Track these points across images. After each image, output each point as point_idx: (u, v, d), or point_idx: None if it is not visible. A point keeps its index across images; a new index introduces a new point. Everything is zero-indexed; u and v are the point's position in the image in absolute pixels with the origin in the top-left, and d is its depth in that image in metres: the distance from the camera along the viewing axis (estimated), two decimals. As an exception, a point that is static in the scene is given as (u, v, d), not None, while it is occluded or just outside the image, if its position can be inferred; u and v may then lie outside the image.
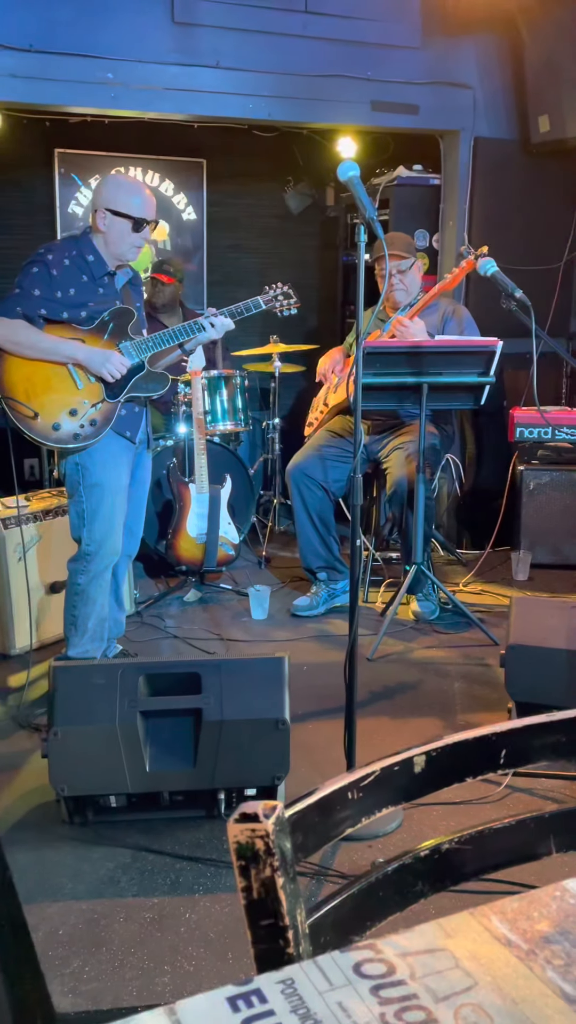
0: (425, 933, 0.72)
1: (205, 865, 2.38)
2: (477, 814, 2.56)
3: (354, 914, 0.93)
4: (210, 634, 3.97)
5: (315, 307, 6.55)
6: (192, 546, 4.34)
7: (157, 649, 3.81)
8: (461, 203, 5.27)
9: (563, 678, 2.87)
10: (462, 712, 3.26)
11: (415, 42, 4.94)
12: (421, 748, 1.00)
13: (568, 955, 0.69)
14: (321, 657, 3.73)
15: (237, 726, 2.45)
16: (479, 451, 5.37)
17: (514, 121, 5.29)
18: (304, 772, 2.70)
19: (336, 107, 4.88)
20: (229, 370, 4.87)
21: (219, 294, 6.31)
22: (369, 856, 2.42)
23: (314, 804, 0.89)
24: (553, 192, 5.41)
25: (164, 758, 2.47)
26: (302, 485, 4.17)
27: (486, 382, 3.74)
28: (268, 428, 5.44)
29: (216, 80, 4.60)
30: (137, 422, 3.26)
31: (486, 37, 5.12)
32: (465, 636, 3.97)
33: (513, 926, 0.73)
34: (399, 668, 3.65)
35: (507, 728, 1.02)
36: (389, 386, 3.76)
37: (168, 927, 2.15)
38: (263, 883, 0.81)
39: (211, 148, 6.08)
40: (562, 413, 4.63)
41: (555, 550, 4.83)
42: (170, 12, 4.46)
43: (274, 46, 4.66)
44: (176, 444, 4.64)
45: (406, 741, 1.03)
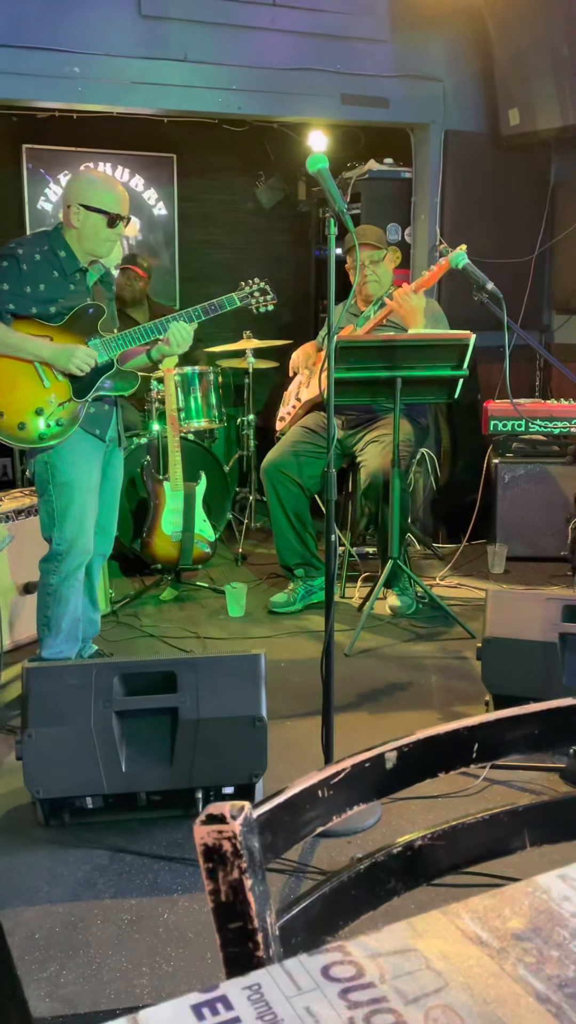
0: (395, 933, 0.71)
1: (183, 865, 2.36)
2: (456, 807, 2.56)
3: (326, 914, 0.92)
4: (187, 632, 3.94)
5: (288, 302, 6.53)
6: (167, 544, 4.31)
7: (133, 648, 3.78)
8: (432, 196, 5.27)
9: (539, 670, 2.87)
10: (440, 706, 3.26)
11: (384, 35, 4.93)
12: (392, 744, 0.99)
13: (540, 953, 0.68)
14: (299, 653, 3.71)
15: (214, 724, 2.44)
16: (454, 445, 5.38)
17: (484, 114, 5.29)
18: (282, 769, 2.69)
19: (306, 100, 4.86)
20: (203, 366, 4.85)
21: (192, 290, 6.28)
22: (348, 852, 2.41)
23: (283, 803, 0.87)
24: (524, 185, 5.42)
25: (140, 758, 2.45)
26: (277, 482, 4.16)
27: (460, 375, 3.74)
28: (243, 424, 5.41)
29: (184, 74, 4.57)
30: (107, 420, 3.22)
31: (454, 31, 5.12)
32: (442, 630, 3.97)
33: (485, 924, 0.71)
34: (377, 663, 3.65)
35: (479, 722, 1.01)
36: (362, 380, 3.75)
37: (146, 928, 2.13)
38: (231, 885, 0.79)
39: (181, 143, 6.04)
40: (535, 406, 4.64)
41: (530, 543, 4.84)
42: (137, 5, 4.42)
43: (243, 39, 4.63)
44: (150, 441, 4.60)
45: (384, 736, 1.02)
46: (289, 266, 6.69)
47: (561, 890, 0.76)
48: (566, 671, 2.86)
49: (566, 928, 0.71)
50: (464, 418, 5.25)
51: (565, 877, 0.78)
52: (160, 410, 4.63)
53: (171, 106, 4.70)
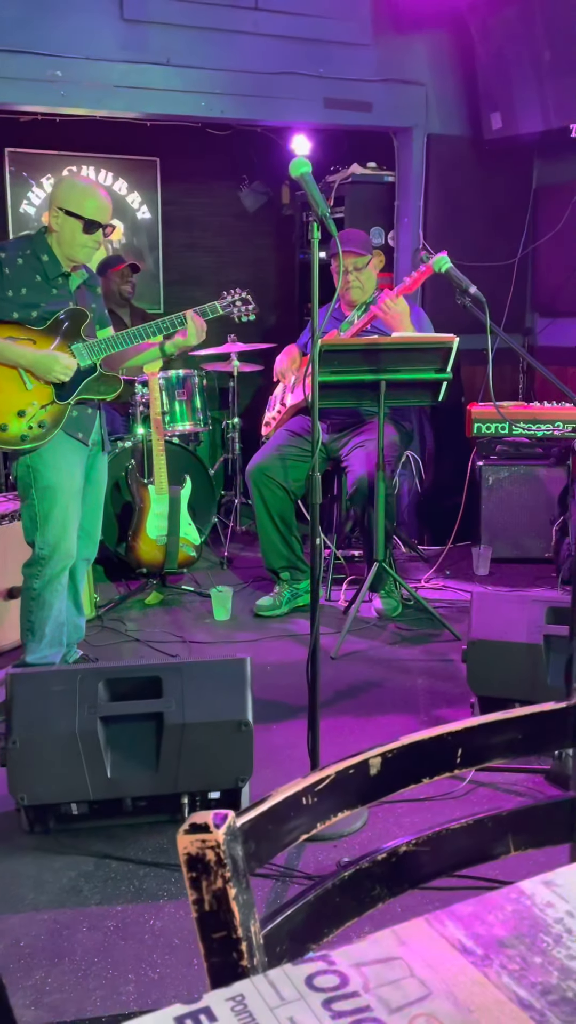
0: (379, 942, 0.71)
1: (169, 870, 2.35)
2: (441, 810, 2.57)
3: (310, 922, 0.91)
4: (172, 636, 3.93)
5: (272, 305, 6.53)
6: (153, 548, 4.30)
7: (118, 653, 3.77)
8: (416, 200, 5.29)
9: (524, 671, 2.88)
10: (426, 708, 3.26)
11: (366, 39, 4.94)
12: (377, 750, 0.99)
13: (524, 960, 0.68)
14: (285, 657, 3.71)
15: (199, 729, 2.43)
16: (438, 447, 5.39)
17: (466, 118, 5.31)
18: (268, 774, 2.69)
19: (289, 104, 4.86)
20: (187, 370, 4.84)
21: (176, 293, 6.27)
22: (334, 855, 2.41)
23: (267, 811, 0.87)
24: (506, 188, 5.45)
25: (126, 763, 2.44)
26: (262, 485, 4.15)
27: (443, 378, 3.75)
28: (228, 428, 5.41)
29: (167, 78, 4.56)
30: (90, 423, 3.22)
31: (437, 35, 5.14)
32: (428, 632, 3.98)
33: (468, 931, 0.72)
34: (363, 666, 3.65)
35: (462, 727, 1.01)
36: (347, 384, 3.75)
37: (132, 935, 2.12)
38: (215, 895, 0.79)
39: (165, 147, 6.03)
40: (519, 408, 4.66)
41: (515, 544, 4.86)
42: (119, 9, 4.42)
43: (225, 43, 4.63)
44: (134, 445, 4.59)
45: (371, 739, 1.02)
46: (273, 270, 6.69)
47: (545, 896, 0.76)
48: (551, 672, 2.87)
49: (549, 934, 0.71)
50: (448, 421, 5.26)
51: (549, 883, 0.78)
52: (145, 414, 4.62)
53: (154, 110, 4.70)
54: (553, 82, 4.83)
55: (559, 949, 0.69)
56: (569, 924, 0.72)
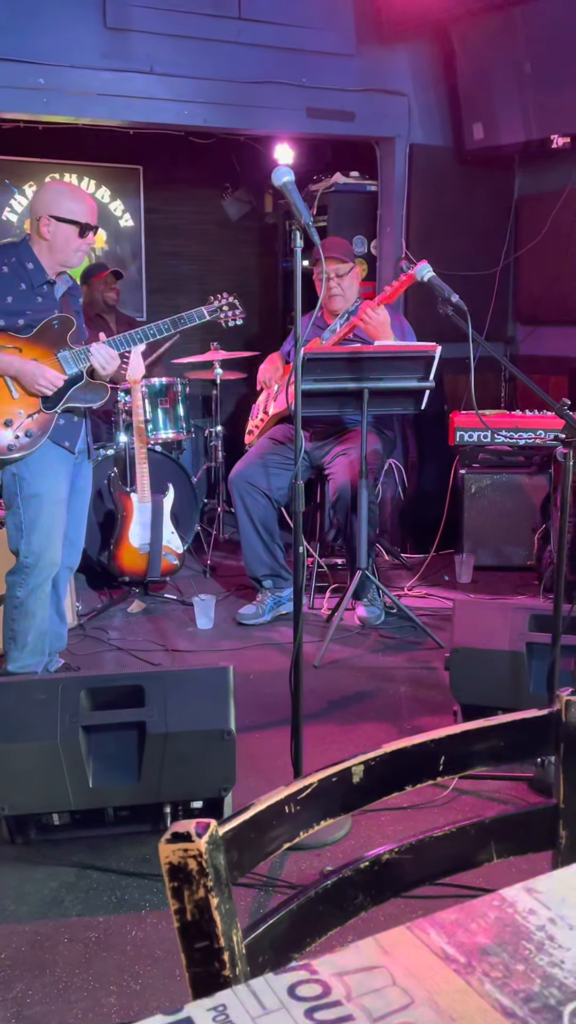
0: (361, 950, 0.71)
1: (151, 880, 2.34)
2: (425, 818, 2.56)
3: (293, 931, 0.91)
4: (155, 645, 3.92)
5: (256, 314, 6.54)
6: (135, 556, 4.29)
7: (100, 662, 3.75)
8: (398, 209, 5.31)
9: (507, 679, 2.89)
10: (409, 716, 3.26)
11: (349, 50, 4.97)
12: (359, 758, 0.99)
13: (506, 967, 0.68)
14: (268, 665, 3.70)
15: (182, 738, 2.42)
16: (421, 456, 5.41)
17: (448, 128, 5.35)
18: (251, 782, 2.68)
19: (272, 114, 4.88)
20: (170, 378, 4.84)
21: (158, 301, 6.27)
22: (318, 864, 2.40)
23: (250, 820, 0.87)
24: (488, 198, 5.48)
25: (108, 773, 2.42)
26: (245, 493, 4.15)
27: (426, 387, 3.76)
28: (211, 436, 5.40)
29: (150, 86, 4.57)
30: (76, 432, 3.21)
31: (419, 46, 5.18)
32: (410, 640, 3.98)
33: (451, 939, 0.71)
34: (345, 674, 3.65)
35: (445, 735, 1.01)
36: (330, 392, 3.76)
37: (114, 946, 2.11)
38: (197, 904, 0.78)
39: (147, 155, 6.04)
40: (501, 416, 4.68)
41: (497, 552, 4.88)
42: (102, 17, 4.42)
43: (208, 52, 4.65)
44: (117, 453, 4.58)
45: (354, 747, 1.02)
46: (256, 278, 6.70)
47: (527, 903, 0.76)
48: (533, 680, 2.88)
49: (531, 942, 0.71)
50: (431, 429, 5.28)
51: (531, 890, 0.78)
52: (127, 421, 4.61)
53: (137, 118, 4.70)
54: (534, 93, 4.87)
55: (541, 956, 0.69)
56: (551, 931, 0.72)
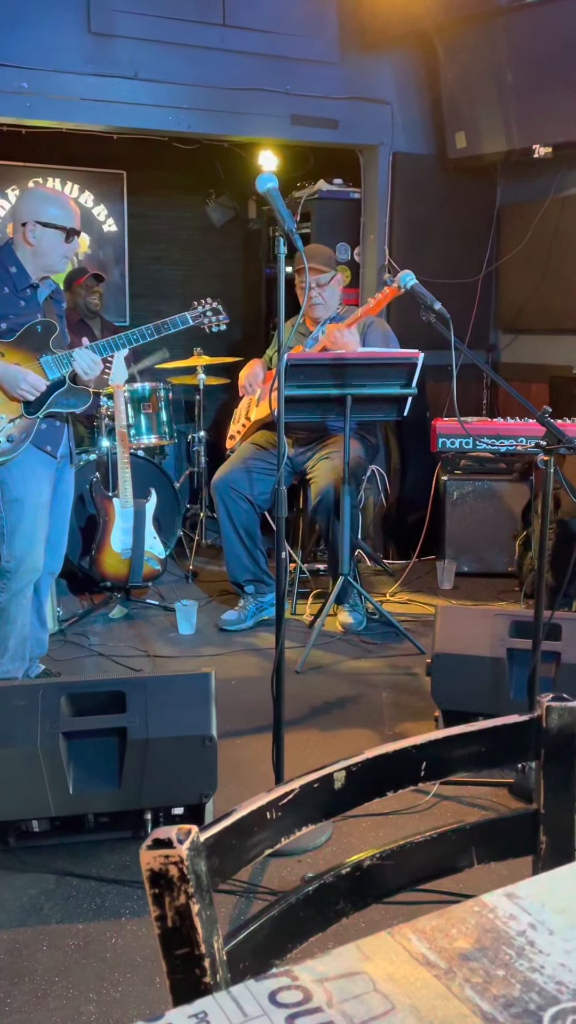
0: (343, 956, 0.71)
1: (131, 888, 2.33)
2: (406, 824, 2.57)
3: (274, 938, 0.91)
4: (136, 651, 3.91)
5: (239, 319, 6.55)
6: (117, 561, 4.27)
7: (81, 668, 3.73)
8: (381, 217, 5.33)
9: (488, 685, 2.90)
10: (390, 722, 3.27)
11: (333, 58, 4.99)
12: (341, 764, 0.99)
13: (487, 972, 0.68)
14: (249, 671, 3.70)
15: (163, 744, 2.41)
16: (403, 462, 5.42)
17: (431, 137, 5.38)
18: (233, 789, 2.67)
19: (256, 120, 4.89)
20: (153, 383, 4.83)
21: (141, 307, 6.26)
22: (299, 871, 2.40)
23: (231, 826, 0.87)
24: (471, 207, 5.52)
25: (88, 779, 2.41)
26: (228, 498, 4.15)
27: (408, 393, 3.78)
28: (193, 441, 5.40)
29: (134, 92, 4.57)
30: (58, 436, 3.20)
31: (403, 54, 5.20)
32: (392, 646, 3.99)
33: (432, 944, 0.72)
34: (327, 680, 3.65)
35: (426, 741, 1.02)
36: (313, 398, 3.76)
37: (94, 953, 2.09)
38: (178, 911, 0.78)
39: (131, 160, 6.04)
40: (483, 424, 4.70)
41: (479, 559, 4.90)
42: (86, 23, 4.41)
43: (193, 58, 4.65)
44: (99, 458, 4.57)
45: (336, 753, 1.02)
46: (239, 284, 6.71)
47: (507, 908, 0.76)
48: (514, 686, 2.89)
49: (512, 947, 0.71)
50: (413, 436, 5.30)
51: (511, 895, 0.78)
52: (110, 426, 4.60)
53: (120, 123, 4.70)
54: (516, 104, 4.91)
55: (521, 961, 0.69)
56: (531, 936, 0.73)
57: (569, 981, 0.67)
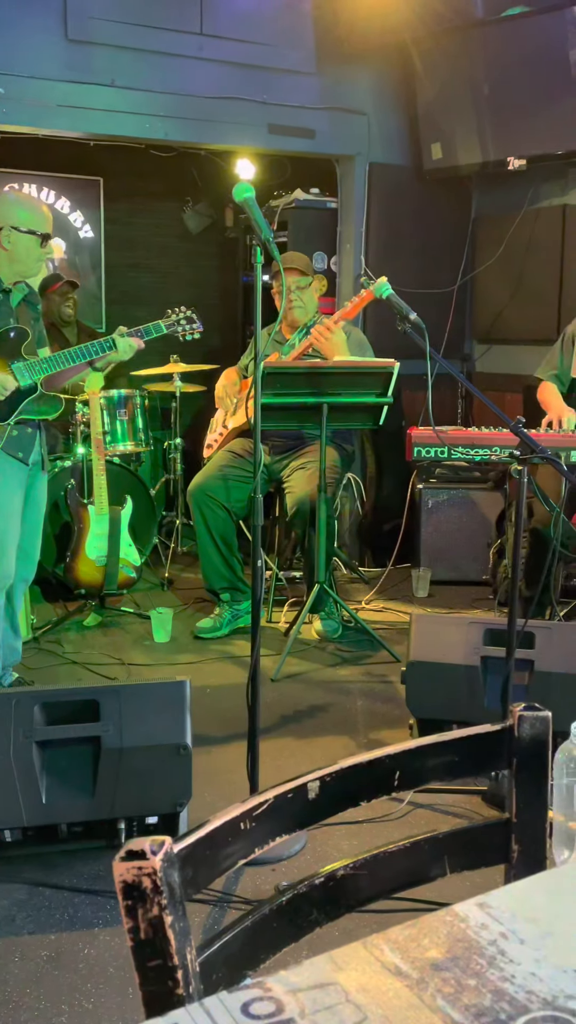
0: (315, 967, 0.71)
1: (105, 898, 2.31)
2: (381, 832, 2.57)
3: (247, 948, 0.91)
4: (111, 659, 3.89)
5: (216, 327, 6.55)
6: (92, 569, 4.25)
7: (55, 676, 3.71)
8: (358, 227, 5.36)
9: (462, 693, 2.91)
10: (365, 730, 3.27)
11: (310, 68, 5.02)
12: (315, 774, 0.99)
13: (458, 982, 0.69)
14: (225, 679, 3.69)
15: (137, 753, 2.40)
16: (379, 470, 5.44)
17: (408, 148, 5.42)
18: (208, 797, 2.67)
19: (233, 129, 4.90)
20: (129, 389, 4.82)
21: (117, 313, 6.24)
22: (273, 880, 2.39)
23: (204, 837, 0.87)
24: (446, 218, 5.56)
25: (61, 789, 2.40)
26: (204, 506, 4.14)
27: (384, 402, 3.79)
28: (170, 448, 5.39)
29: (111, 99, 4.57)
30: (30, 443, 3.18)
31: (380, 66, 5.24)
32: (368, 654, 4.00)
33: (404, 954, 0.72)
34: (303, 688, 3.65)
35: (399, 750, 1.02)
36: (289, 406, 3.77)
37: (66, 964, 2.08)
38: (151, 922, 0.78)
39: (108, 166, 6.03)
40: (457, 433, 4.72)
41: (453, 567, 4.92)
42: (63, 29, 4.41)
43: (170, 67, 4.66)
44: (75, 465, 4.55)
45: (311, 762, 1.02)
46: (216, 291, 6.71)
47: (479, 918, 0.77)
48: (488, 694, 2.91)
49: (483, 956, 0.72)
50: (389, 444, 5.32)
51: (483, 905, 0.79)
52: (85, 433, 4.58)
53: (97, 130, 4.70)
54: (492, 116, 4.96)
55: (492, 971, 0.70)
56: (502, 946, 0.73)
57: (539, 990, 0.68)
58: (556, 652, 2.88)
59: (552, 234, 5.16)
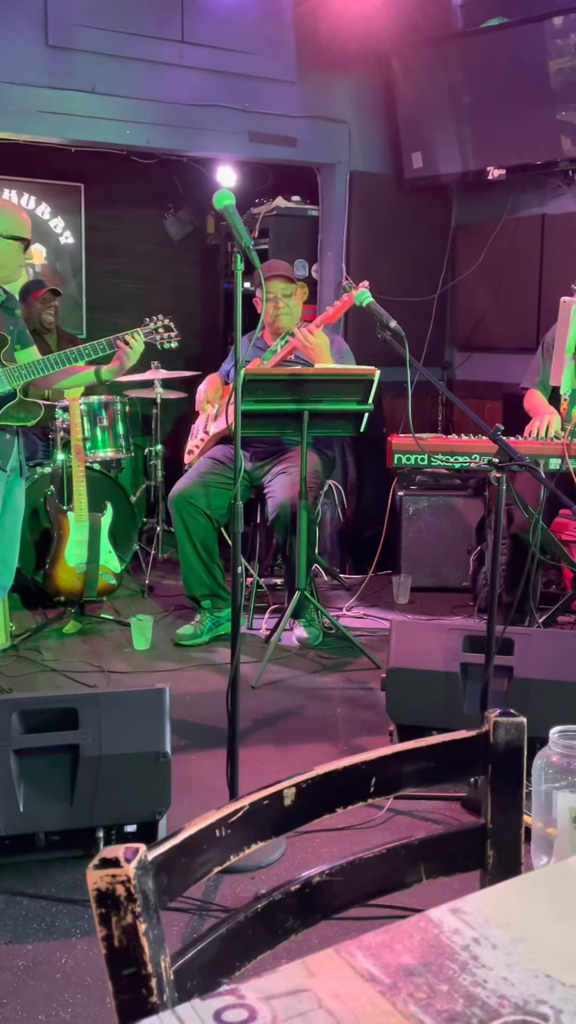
0: (289, 973, 0.71)
1: (83, 907, 2.30)
2: (360, 839, 2.57)
3: (222, 956, 0.91)
4: (90, 666, 3.87)
5: (196, 334, 6.55)
6: (71, 576, 4.23)
7: (34, 684, 3.69)
8: (338, 235, 5.38)
9: (441, 699, 2.92)
10: (345, 737, 3.27)
11: (291, 77, 5.04)
12: (290, 781, 0.99)
13: (431, 987, 0.69)
14: (205, 686, 3.69)
15: (116, 761, 2.39)
16: (360, 477, 5.46)
17: (388, 157, 5.45)
18: (186, 805, 2.65)
19: (214, 136, 4.92)
20: (109, 396, 4.81)
21: (98, 319, 6.24)
22: (252, 887, 2.39)
23: (179, 845, 0.87)
24: (427, 226, 5.59)
25: (39, 797, 2.38)
26: (185, 512, 4.14)
27: (365, 409, 3.80)
28: (151, 455, 5.38)
29: (92, 105, 4.57)
30: (8, 449, 3.17)
31: (360, 75, 5.27)
32: (348, 660, 4.00)
33: (377, 960, 0.72)
34: (283, 695, 3.65)
35: (375, 757, 1.02)
36: (270, 413, 3.78)
37: (43, 974, 2.06)
38: (124, 930, 0.78)
39: (89, 172, 6.03)
40: (437, 440, 4.74)
41: (434, 573, 4.94)
42: (44, 35, 4.41)
43: (151, 74, 4.67)
44: (54, 471, 4.53)
45: (290, 769, 1.02)
46: (197, 298, 6.71)
47: (452, 923, 0.77)
48: (467, 700, 2.92)
49: (456, 962, 0.72)
50: (369, 451, 5.33)
51: (456, 910, 0.79)
52: (65, 439, 4.56)
53: (78, 136, 4.70)
54: (471, 126, 5.00)
55: (465, 976, 0.70)
56: (475, 951, 0.73)
57: (511, 995, 0.68)
58: (535, 658, 2.90)
59: (531, 243, 5.20)
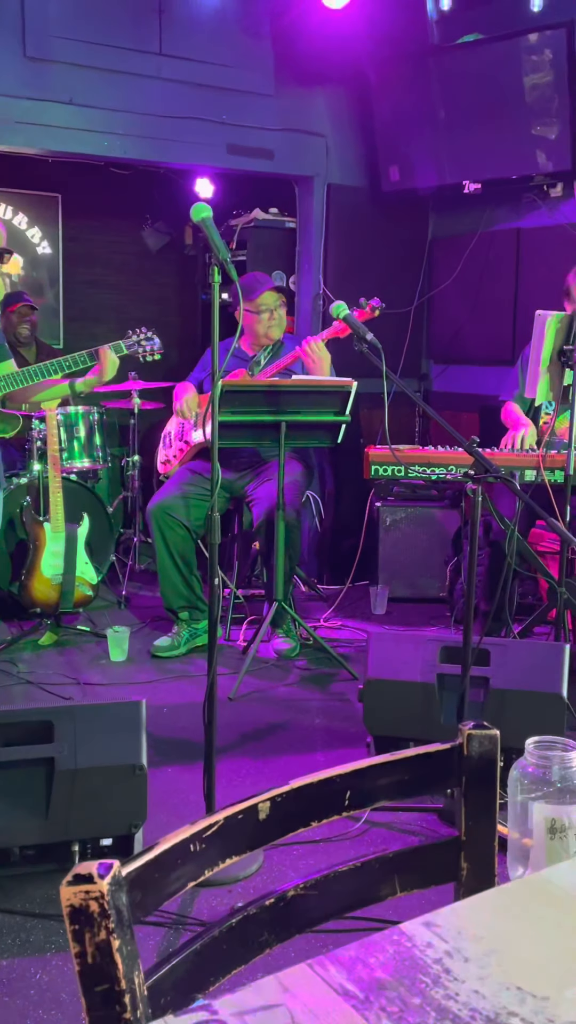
0: (262, 988, 0.71)
1: (57, 922, 2.28)
2: (337, 851, 2.57)
3: (196, 971, 0.90)
4: (66, 678, 3.84)
5: (174, 344, 6.55)
6: (47, 587, 4.21)
7: (9, 696, 3.66)
8: (316, 247, 5.41)
9: (418, 710, 2.92)
10: (323, 748, 3.27)
11: (269, 90, 5.07)
12: (265, 795, 0.99)
13: (403, 1001, 0.69)
14: (182, 698, 3.67)
15: (92, 774, 2.38)
16: (337, 488, 5.47)
17: (365, 170, 5.48)
18: (163, 818, 2.64)
19: (192, 148, 4.93)
20: (86, 406, 4.80)
21: (76, 330, 6.23)
22: (229, 901, 2.38)
23: (153, 860, 0.86)
24: (404, 239, 5.63)
25: (13, 811, 2.36)
26: (164, 524, 4.13)
27: (342, 421, 3.82)
28: (128, 465, 5.37)
29: (69, 116, 4.57)
30: (-15, 461, 3.15)
31: (338, 89, 5.31)
32: (326, 671, 4.00)
33: (350, 974, 0.72)
34: (260, 707, 3.64)
35: (350, 770, 1.03)
36: (248, 424, 3.78)
37: (17, 990, 2.04)
38: (98, 947, 0.78)
39: (67, 183, 6.02)
40: (414, 452, 4.77)
41: (411, 584, 4.95)
42: (21, 47, 4.41)
43: (129, 86, 4.68)
44: (31, 482, 4.51)
45: (268, 781, 1.02)
46: (175, 309, 6.72)
47: (425, 937, 0.78)
48: (444, 711, 2.92)
49: (427, 975, 0.72)
50: (347, 462, 5.35)
51: (429, 924, 0.79)
52: (41, 450, 4.54)
53: (56, 147, 4.70)
54: (448, 139, 5.04)
55: (437, 989, 0.70)
56: (447, 964, 0.74)
57: (482, 1007, 0.68)
58: (510, 669, 2.91)
59: (507, 256, 5.25)
